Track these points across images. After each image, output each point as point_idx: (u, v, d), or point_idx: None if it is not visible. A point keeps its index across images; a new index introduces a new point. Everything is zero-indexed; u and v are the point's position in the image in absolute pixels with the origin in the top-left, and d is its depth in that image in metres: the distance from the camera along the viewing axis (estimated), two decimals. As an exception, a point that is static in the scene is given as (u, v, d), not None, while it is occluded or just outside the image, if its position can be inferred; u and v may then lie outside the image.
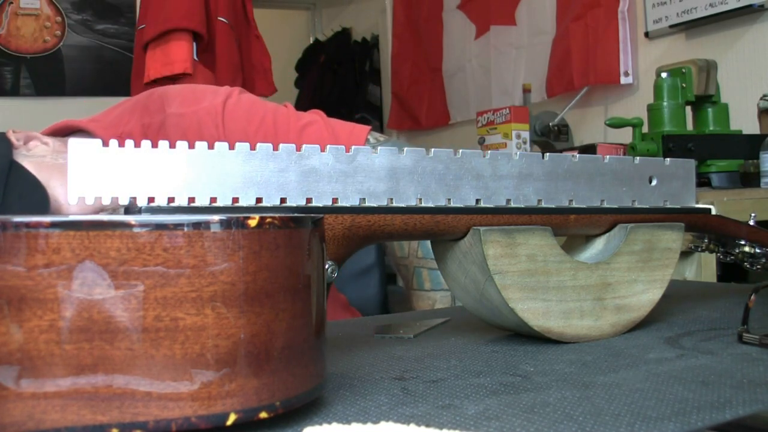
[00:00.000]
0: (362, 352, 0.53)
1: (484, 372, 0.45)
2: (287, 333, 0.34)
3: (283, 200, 0.43)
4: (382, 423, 0.32)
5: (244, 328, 0.32)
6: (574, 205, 0.53)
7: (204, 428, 0.31)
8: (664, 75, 1.67)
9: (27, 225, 0.30)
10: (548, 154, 0.52)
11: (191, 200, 0.40)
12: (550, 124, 2.33)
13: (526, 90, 2.58)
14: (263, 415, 0.33)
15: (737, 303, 0.66)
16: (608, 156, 0.55)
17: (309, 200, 0.44)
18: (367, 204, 0.46)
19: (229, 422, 0.32)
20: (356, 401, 0.39)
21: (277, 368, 0.33)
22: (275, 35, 4.08)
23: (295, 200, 0.43)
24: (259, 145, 0.42)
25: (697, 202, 0.60)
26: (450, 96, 3.40)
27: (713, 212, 0.61)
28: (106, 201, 0.38)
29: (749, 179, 1.65)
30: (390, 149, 0.46)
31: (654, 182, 0.57)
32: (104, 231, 0.31)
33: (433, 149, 0.48)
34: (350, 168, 0.45)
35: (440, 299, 1.00)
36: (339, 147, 0.45)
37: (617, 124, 1.72)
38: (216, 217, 0.32)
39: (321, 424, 0.33)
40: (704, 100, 1.70)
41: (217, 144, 0.41)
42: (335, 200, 0.44)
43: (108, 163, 0.38)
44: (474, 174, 0.49)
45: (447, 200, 0.48)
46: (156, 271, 0.31)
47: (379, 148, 0.46)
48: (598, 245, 0.57)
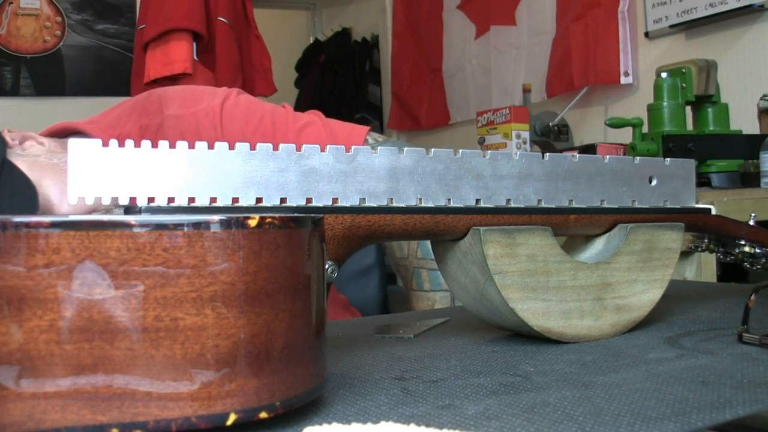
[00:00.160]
0: (362, 352, 0.53)
1: (484, 372, 0.45)
2: (287, 333, 0.34)
3: (283, 200, 0.43)
4: (382, 423, 0.32)
5: (244, 328, 0.32)
6: (574, 205, 0.53)
7: (204, 428, 0.31)
8: (664, 75, 1.67)
9: (27, 225, 0.30)
10: (548, 154, 0.52)
11: (191, 200, 0.40)
12: (550, 124, 2.33)
13: (526, 90, 2.58)
14: (263, 415, 0.33)
15: (737, 303, 0.66)
16: (608, 156, 0.55)
17: (309, 200, 0.44)
18: (367, 204, 0.46)
19: (229, 422, 0.32)
20: (356, 401, 0.39)
21: (277, 368, 0.33)
22: (275, 35, 4.08)
23: (295, 200, 0.43)
24: (259, 145, 0.42)
25: (697, 202, 0.60)
26: (450, 96, 3.40)
27: (713, 212, 0.61)
28: (106, 201, 0.38)
29: (749, 179, 1.65)
30: (390, 149, 0.46)
31: (654, 182, 0.57)
32: (104, 231, 0.31)
33: (433, 149, 0.48)
34: (350, 168, 0.45)
35: (440, 299, 1.00)
36: (339, 147, 0.45)
37: (617, 124, 1.72)
38: (216, 217, 0.32)
39: (321, 424, 0.33)
40: (704, 100, 1.70)
41: (217, 144, 0.41)
42: (335, 200, 0.44)
43: (108, 163, 0.38)
44: (474, 174, 0.49)
45: (447, 200, 0.48)
46: (156, 271, 0.31)
47: (379, 148, 0.46)
48: (598, 245, 0.57)
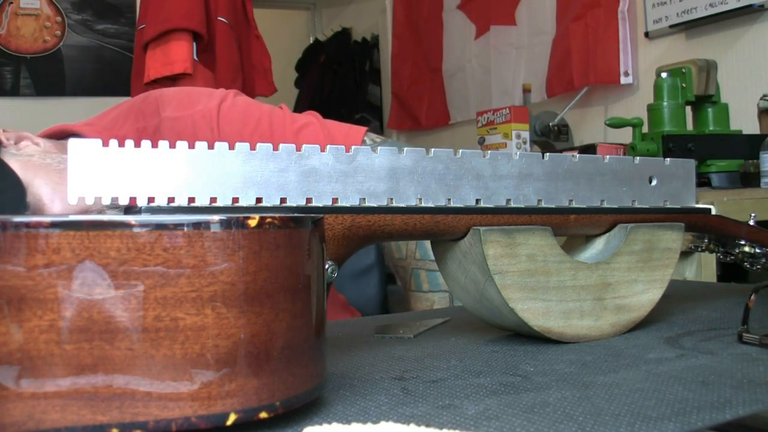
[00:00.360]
0: (362, 352, 0.53)
1: (484, 372, 0.45)
2: (287, 333, 0.34)
3: (283, 200, 0.43)
4: (382, 423, 0.32)
5: (244, 328, 0.32)
6: (574, 205, 0.53)
7: (204, 428, 0.31)
8: (664, 75, 1.67)
9: (27, 225, 0.30)
10: (548, 154, 0.52)
11: (191, 200, 0.40)
12: (550, 124, 2.33)
13: (526, 90, 2.58)
14: (263, 415, 0.33)
15: (737, 303, 0.66)
16: (608, 156, 0.55)
17: (309, 200, 0.44)
18: (367, 204, 0.46)
19: (229, 422, 0.32)
20: (356, 401, 0.39)
21: (277, 368, 0.33)
22: (275, 35, 4.08)
23: (295, 200, 0.43)
24: (259, 145, 0.42)
25: (697, 202, 0.60)
26: (450, 96, 3.40)
27: (713, 212, 0.61)
28: (106, 201, 0.38)
29: (749, 179, 1.65)
30: (390, 149, 0.46)
31: (654, 182, 0.57)
32: (104, 231, 0.31)
33: (433, 149, 0.48)
34: (350, 168, 0.45)
35: (438, 300, 1.00)
36: (339, 147, 0.45)
37: (617, 124, 1.72)
38: (216, 217, 0.32)
39: (321, 424, 0.33)
40: (704, 100, 1.70)
41: (217, 144, 0.41)
42: (335, 200, 0.44)
43: (108, 163, 0.38)
44: (474, 174, 0.49)
45: (447, 200, 0.48)
46: (156, 271, 0.31)
47: (379, 148, 0.46)
48: (598, 245, 0.57)
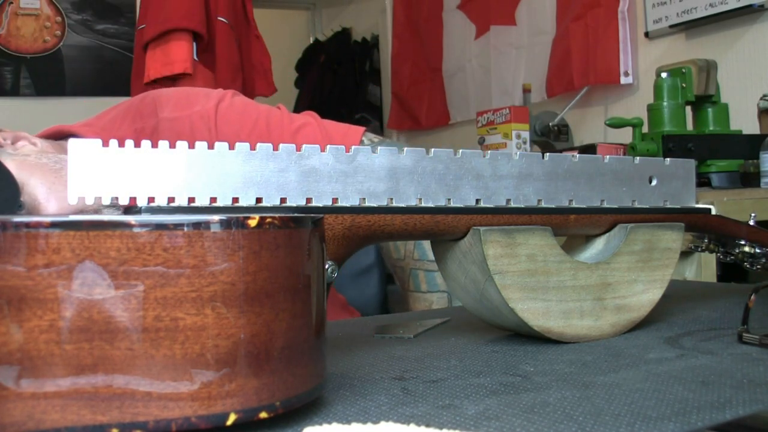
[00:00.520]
0: (362, 352, 0.53)
1: (484, 372, 0.45)
2: (287, 333, 0.34)
3: (283, 200, 0.43)
4: (382, 423, 0.32)
5: (244, 328, 0.32)
6: (574, 205, 0.53)
7: (204, 428, 0.31)
8: (664, 75, 1.67)
9: (27, 225, 0.30)
10: (548, 154, 0.52)
11: (191, 200, 0.40)
12: (550, 124, 2.33)
13: (526, 90, 2.58)
14: (263, 415, 0.33)
15: (737, 303, 0.66)
16: (608, 156, 0.55)
17: (309, 200, 0.44)
18: (367, 204, 0.46)
19: (229, 422, 0.32)
20: (356, 401, 0.39)
21: (277, 368, 0.33)
22: (275, 35, 4.08)
23: (295, 200, 0.43)
24: (259, 145, 0.42)
25: (697, 202, 0.60)
26: (450, 96, 3.40)
27: (713, 212, 0.61)
28: (106, 201, 0.38)
29: (749, 179, 1.65)
30: (390, 149, 0.46)
31: (654, 182, 0.57)
32: (104, 231, 0.31)
33: (433, 149, 0.48)
34: (350, 168, 0.45)
35: (437, 301, 1.00)
36: (339, 147, 0.45)
37: (617, 124, 1.72)
38: (216, 217, 0.32)
39: (321, 424, 0.33)
40: (704, 100, 1.70)
41: (217, 144, 0.41)
42: (335, 200, 0.44)
43: (108, 163, 0.38)
44: (474, 174, 0.49)
45: (447, 200, 0.48)
46: (156, 271, 0.31)
47: (379, 148, 0.46)
48: (598, 245, 0.57)
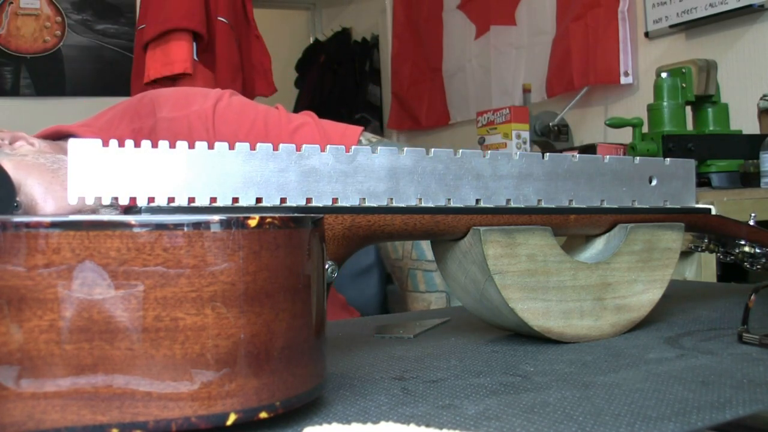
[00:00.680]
0: (362, 352, 0.53)
1: (484, 372, 0.45)
2: (287, 333, 0.34)
3: (283, 200, 0.43)
4: (382, 423, 0.32)
5: (244, 328, 0.32)
6: (574, 205, 0.53)
7: (204, 428, 0.31)
8: (664, 75, 1.67)
9: (27, 225, 0.30)
10: (548, 154, 0.52)
11: (191, 200, 0.40)
12: (550, 124, 2.33)
13: (526, 90, 2.58)
14: (263, 415, 0.33)
15: (737, 303, 0.66)
16: (608, 156, 0.55)
17: (309, 200, 0.44)
18: (367, 204, 0.46)
19: (229, 422, 0.32)
20: (356, 401, 0.39)
21: (277, 368, 0.33)
22: (275, 35, 4.08)
23: (295, 200, 0.43)
24: (259, 145, 0.42)
25: (697, 202, 0.60)
26: (450, 96, 3.40)
27: (713, 212, 0.61)
28: (106, 201, 0.38)
29: (749, 179, 1.65)
30: (390, 149, 0.46)
31: (654, 182, 0.57)
32: (104, 231, 0.31)
33: (433, 149, 0.48)
34: (350, 168, 0.45)
35: (435, 301, 1.00)
36: (339, 147, 0.45)
37: (617, 124, 1.72)
38: (216, 217, 0.32)
39: (321, 424, 0.33)
40: (704, 100, 1.70)
41: (217, 144, 0.41)
42: (335, 200, 0.44)
43: (108, 163, 0.38)
44: (474, 174, 0.49)
45: (447, 200, 0.48)
46: (156, 271, 0.31)
47: (380, 148, 0.46)
48: (598, 245, 0.57)
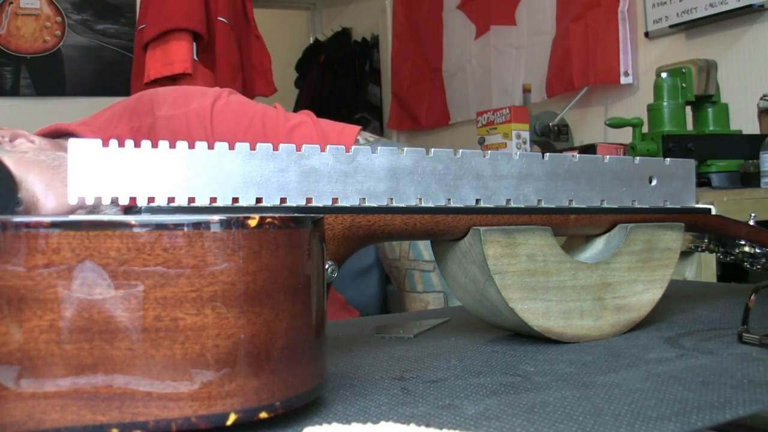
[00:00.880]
0: (362, 352, 0.53)
1: (484, 372, 0.45)
2: (287, 333, 0.34)
3: (283, 200, 0.43)
4: (382, 423, 0.32)
5: (244, 328, 0.32)
6: (574, 205, 0.53)
7: (204, 428, 0.31)
8: (664, 75, 1.67)
9: (27, 225, 0.30)
10: (548, 154, 0.52)
11: (191, 200, 0.40)
12: (550, 124, 2.33)
13: (526, 90, 2.58)
14: (263, 415, 0.33)
15: (737, 303, 0.66)
16: (608, 156, 0.55)
17: (309, 200, 0.44)
18: (367, 204, 0.46)
19: (229, 422, 0.32)
20: (356, 401, 0.39)
21: (277, 368, 0.33)
22: (275, 35, 4.08)
23: (295, 200, 0.43)
24: (259, 145, 0.42)
25: (697, 202, 0.60)
26: (450, 96, 3.40)
27: (713, 212, 0.61)
28: (106, 201, 0.38)
29: (749, 179, 1.65)
30: (390, 149, 0.46)
31: (654, 182, 0.57)
32: (104, 231, 0.31)
33: (433, 149, 0.48)
34: (350, 168, 0.45)
35: (433, 301, 1.00)
36: (339, 147, 0.45)
37: (617, 124, 1.72)
38: (216, 217, 0.32)
39: (321, 424, 0.33)
40: (704, 100, 1.70)
41: (217, 144, 0.41)
42: (335, 200, 0.44)
43: (108, 163, 0.38)
44: (474, 174, 0.49)
45: (447, 200, 0.48)
46: (156, 271, 0.31)
47: (380, 148, 0.46)
48: (598, 245, 0.57)
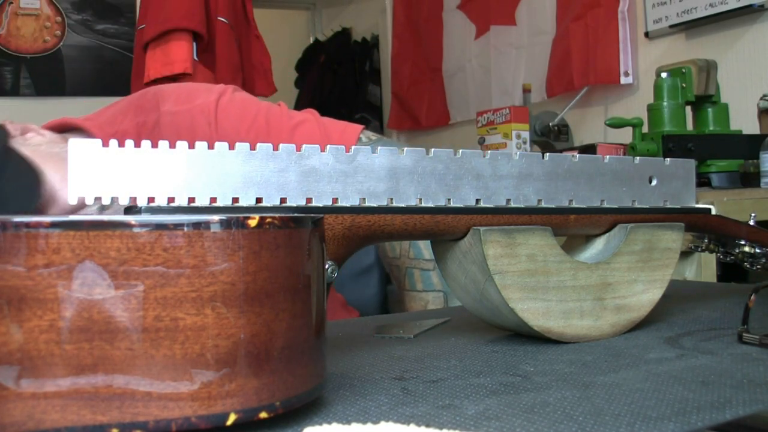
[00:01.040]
0: (362, 352, 0.53)
1: (484, 372, 0.45)
2: (287, 333, 0.34)
3: (283, 200, 0.43)
4: (382, 423, 0.32)
5: (244, 328, 0.32)
6: (574, 205, 0.53)
7: (204, 428, 0.31)
8: (664, 75, 1.67)
9: (27, 225, 0.30)
10: (548, 154, 0.52)
11: (191, 200, 0.40)
12: (550, 124, 2.33)
13: (526, 90, 2.58)
14: (263, 415, 0.33)
15: (737, 303, 0.66)
16: (608, 156, 0.55)
17: (309, 200, 0.44)
18: (367, 204, 0.46)
19: (229, 422, 0.32)
20: (356, 401, 0.39)
21: (277, 368, 0.33)
22: (275, 35, 4.08)
23: (295, 200, 0.43)
24: (259, 145, 0.42)
25: (697, 202, 0.60)
26: (450, 96, 3.40)
27: (713, 212, 0.61)
28: (106, 201, 0.38)
29: (749, 179, 1.65)
30: (390, 149, 0.46)
31: (654, 182, 0.57)
32: (104, 231, 0.31)
33: (433, 149, 0.48)
34: (350, 168, 0.45)
35: (432, 300, 1.00)
36: (339, 147, 0.45)
37: (617, 124, 1.72)
38: (216, 217, 0.32)
39: (321, 424, 0.33)
40: (704, 100, 1.70)
41: (217, 144, 0.41)
42: (335, 200, 0.44)
43: (108, 163, 0.38)
44: (474, 174, 0.49)
45: (447, 200, 0.48)
46: (156, 271, 0.31)
47: (379, 148, 0.46)
48: (598, 245, 0.57)
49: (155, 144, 0.39)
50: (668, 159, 0.58)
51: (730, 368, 0.44)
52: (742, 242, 0.64)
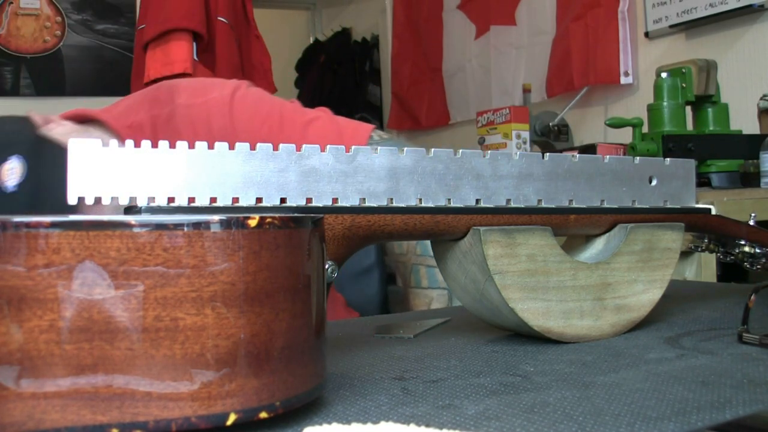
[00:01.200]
0: (362, 352, 0.53)
1: (484, 372, 0.45)
2: (287, 333, 0.34)
3: (283, 200, 0.43)
4: (382, 423, 0.32)
5: (244, 328, 0.32)
6: (574, 205, 0.53)
7: (204, 428, 0.31)
8: (664, 75, 1.67)
9: (27, 225, 0.30)
10: (548, 154, 0.52)
11: (191, 200, 0.40)
12: (550, 124, 2.33)
13: (526, 90, 2.58)
14: (263, 415, 0.33)
15: (737, 303, 0.66)
16: (608, 156, 0.55)
17: (309, 200, 0.44)
18: (367, 204, 0.46)
19: (229, 422, 0.32)
20: (356, 401, 0.39)
21: (277, 368, 0.33)
22: (275, 35, 4.08)
23: (295, 200, 0.43)
24: (259, 145, 0.42)
25: (697, 202, 0.60)
26: (450, 96, 3.40)
27: (713, 212, 0.61)
28: (106, 201, 0.38)
29: (749, 179, 1.65)
30: (390, 149, 0.46)
31: (654, 182, 0.57)
32: (104, 231, 0.31)
33: (433, 149, 0.48)
34: (350, 168, 0.45)
35: (437, 297, 1.00)
36: (339, 147, 0.45)
37: (617, 124, 1.72)
38: (216, 217, 0.32)
39: (321, 424, 0.33)
40: (704, 100, 1.70)
41: (217, 144, 0.41)
42: (335, 200, 0.44)
43: (108, 163, 0.38)
44: (474, 174, 0.49)
45: (447, 200, 0.48)
46: (156, 271, 0.31)
47: (379, 148, 0.46)
48: (598, 245, 0.57)
49: (155, 144, 0.39)
50: (668, 159, 0.58)
51: (730, 368, 0.44)
52: (742, 242, 0.64)
